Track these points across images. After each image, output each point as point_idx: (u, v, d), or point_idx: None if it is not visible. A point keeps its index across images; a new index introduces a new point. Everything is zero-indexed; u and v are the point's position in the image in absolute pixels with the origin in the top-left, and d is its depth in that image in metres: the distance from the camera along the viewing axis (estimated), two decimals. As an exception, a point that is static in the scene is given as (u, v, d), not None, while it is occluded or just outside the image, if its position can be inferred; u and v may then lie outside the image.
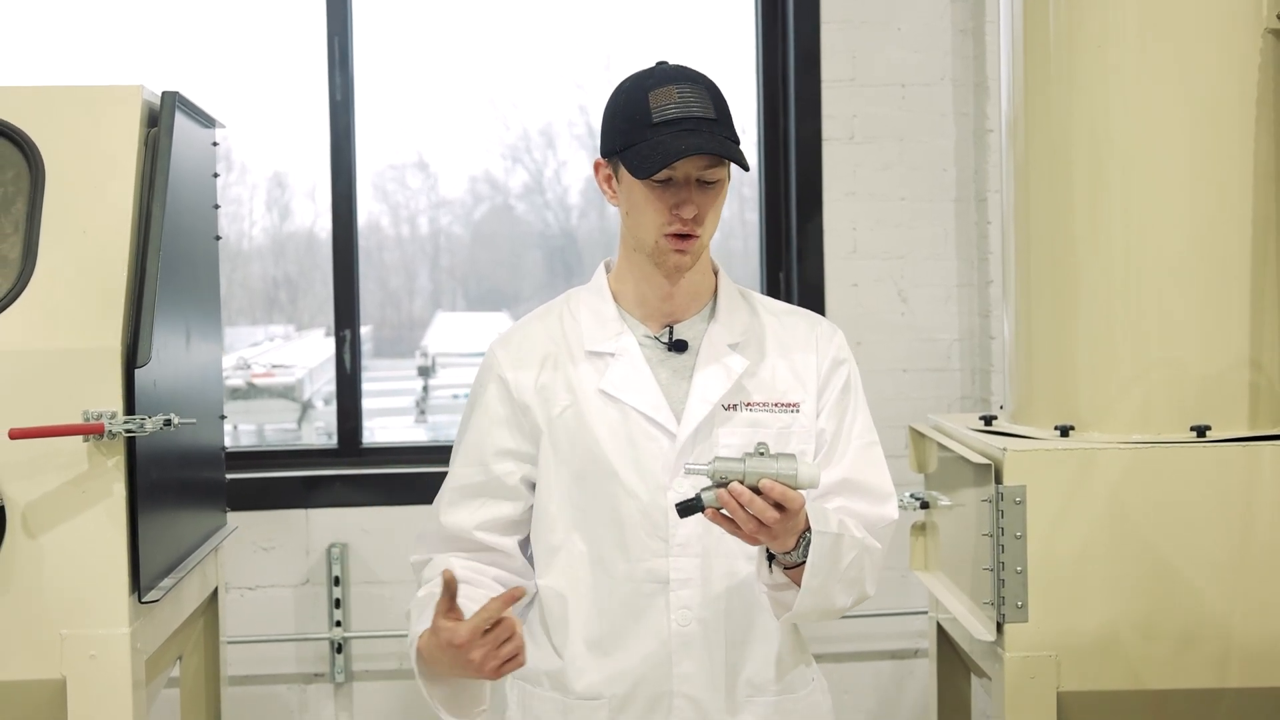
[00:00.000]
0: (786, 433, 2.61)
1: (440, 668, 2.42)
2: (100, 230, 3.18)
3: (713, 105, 2.51)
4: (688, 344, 2.63)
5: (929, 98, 5.10)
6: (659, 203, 2.50)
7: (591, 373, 2.61)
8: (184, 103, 3.42)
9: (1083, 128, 3.18)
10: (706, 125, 2.47)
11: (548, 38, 5.65)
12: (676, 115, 2.47)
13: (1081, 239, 3.20)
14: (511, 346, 2.68)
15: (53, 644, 3.06)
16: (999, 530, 3.03)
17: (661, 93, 2.50)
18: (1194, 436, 3.09)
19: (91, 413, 3.02)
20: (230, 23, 5.41)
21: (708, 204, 2.51)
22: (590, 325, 2.65)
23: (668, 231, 2.51)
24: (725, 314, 2.66)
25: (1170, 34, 3.12)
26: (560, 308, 2.72)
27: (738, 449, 2.45)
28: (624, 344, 2.62)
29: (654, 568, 2.57)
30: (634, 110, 2.51)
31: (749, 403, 2.61)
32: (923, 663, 5.08)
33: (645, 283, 2.63)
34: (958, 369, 5.13)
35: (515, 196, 6.34)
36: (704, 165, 2.48)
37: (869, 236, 5.11)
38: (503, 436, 2.63)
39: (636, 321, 2.65)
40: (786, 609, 2.49)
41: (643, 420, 2.57)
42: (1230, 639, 3.04)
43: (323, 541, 4.93)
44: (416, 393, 7.42)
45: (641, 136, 2.48)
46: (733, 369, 2.60)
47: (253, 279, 6.64)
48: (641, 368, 2.60)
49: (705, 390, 2.59)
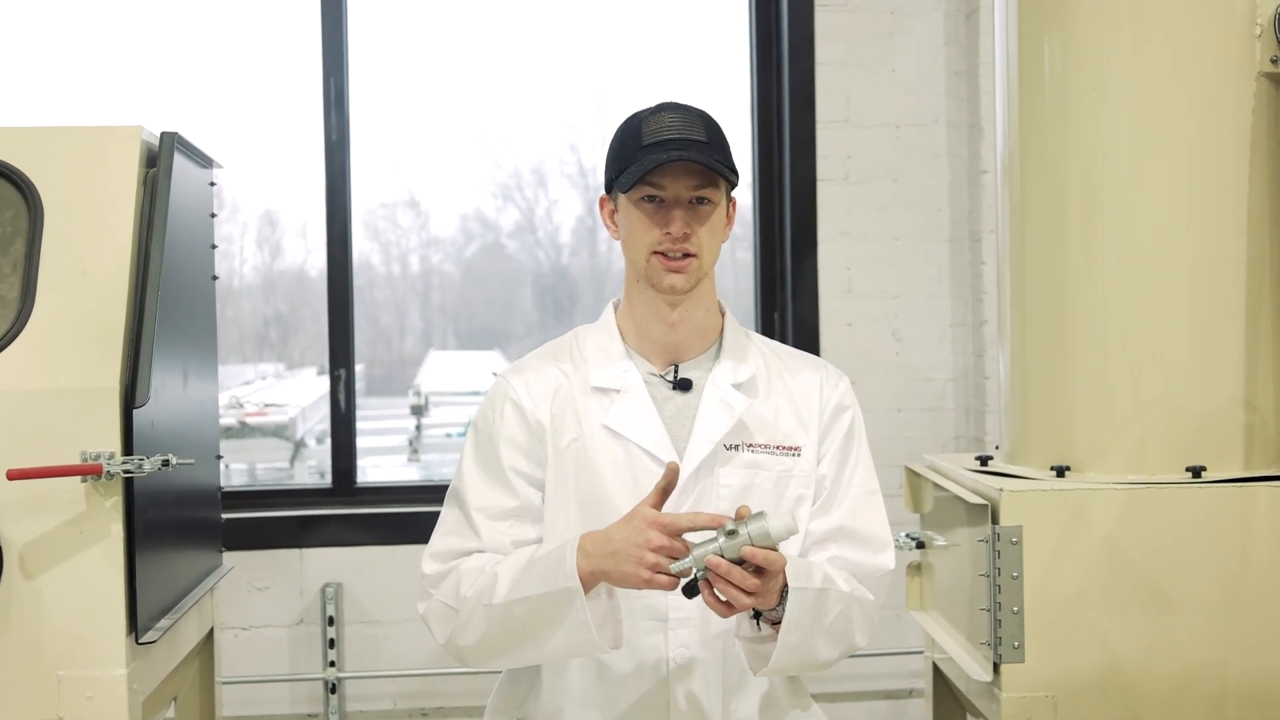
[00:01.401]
0: (786, 476, 2.64)
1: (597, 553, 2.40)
2: (99, 270, 3.18)
3: (704, 130, 2.58)
4: (692, 383, 2.65)
5: (923, 138, 5.12)
6: (649, 221, 2.56)
7: (596, 408, 2.63)
8: (183, 143, 3.43)
9: (1078, 169, 3.19)
10: (695, 146, 2.53)
11: (539, 77, 5.67)
12: (666, 137, 2.54)
13: (1077, 279, 3.20)
14: (526, 374, 2.69)
15: (50, 685, 3.04)
16: (995, 570, 3.03)
17: (654, 119, 2.59)
18: (1189, 477, 3.08)
19: (90, 453, 3.01)
20: (225, 63, 5.43)
21: (698, 223, 2.56)
22: (597, 361, 2.67)
23: (657, 249, 2.56)
24: (730, 354, 2.68)
25: (1164, 77, 3.13)
26: (568, 344, 2.74)
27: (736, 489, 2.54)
28: (629, 381, 2.64)
29: (653, 605, 2.58)
30: (628, 137, 2.60)
31: (750, 444, 2.63)
32: (918, 703, 5.07)
33: (649, 316, 2.65)
34: (952, 409, 5.14)
35: (506, 235, 6.35)
36: (693, 185, 2.54)
37: (863, 276, 5.13)
38: (521, 461, 2.64)
39: (642, 359, 2.67)
40: (764, 662, 2.50)
41: (645, 457, 2.59)
42: (1226, 680, 3.04)
43: (317, 581, 4.92)
44: (409, 431, 7.41)
45: (633, 159, 2.55)
46: (735, 408, 2.62)
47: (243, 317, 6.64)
48: (646, 404, 2.62)
49: (708, 429, 2.61)
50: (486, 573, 2.52)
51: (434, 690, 4.96)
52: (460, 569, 2.58)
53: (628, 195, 2.59)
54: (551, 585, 2.42)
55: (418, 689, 4.97)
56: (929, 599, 3.68)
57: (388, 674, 4.93)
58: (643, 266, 2.59)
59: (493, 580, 2.50)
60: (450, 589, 2.57)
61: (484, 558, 2.58)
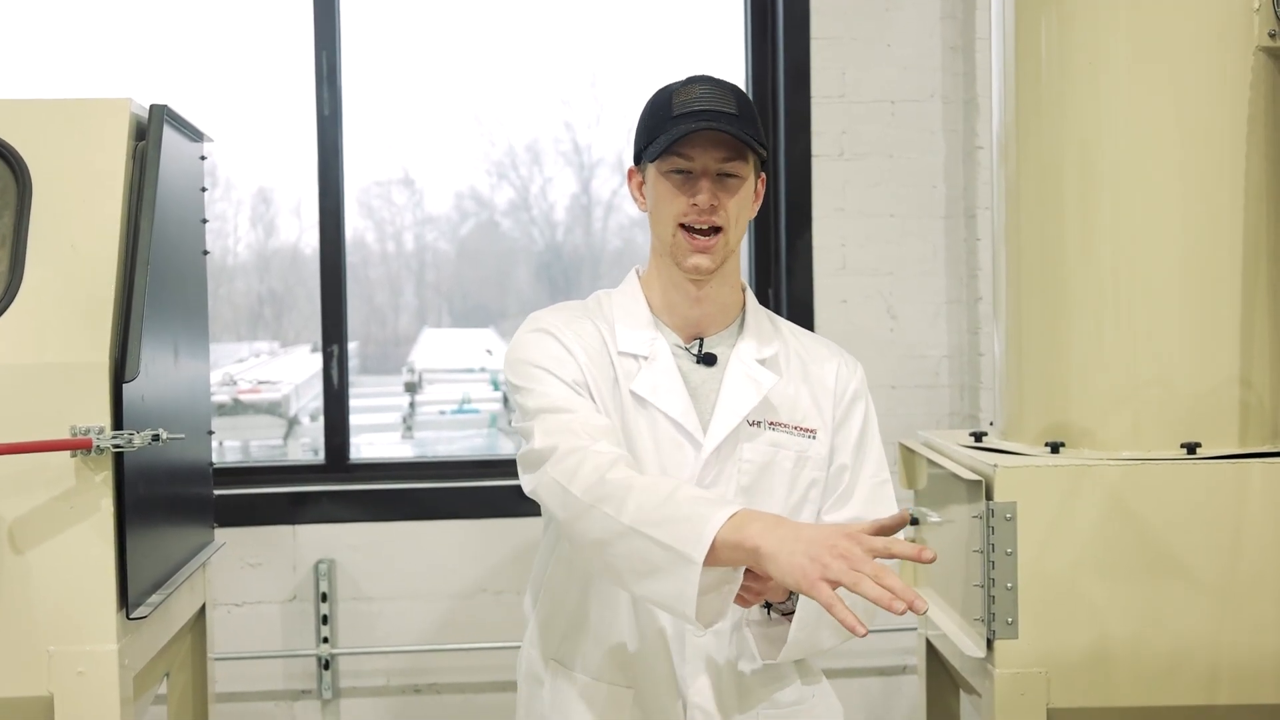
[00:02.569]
0: (804, 458, 2.64)
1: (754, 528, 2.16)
2: (88, 244, 3.16)
3: (735, 103, 2.56)
4: (716, 358, 2.63)
5: (919, 114, 5.11)
6: (676, 192, 2.54)
7: (621, 373, 2.60)
8: (172, 116, 3.40)
9: (1073, 145, 3.18)
10: (726, 118, 2.52)
11: (534, 55, 5.65)
12: (697, 108, 2.52)
13: (1072, 256, 3.19)
14: (560, 317, 2.64)
15: (40, 660, 3.03)
16: (989, 547, 3.03)
17: (685, 90, 2.58)
18: (1184, 454, 3.08)
19: (79, 428, 3.00)
20: (217, 37, 5.41)
21: (726, 197, 2.53)
22: (624, 325, 2.64)
23: (683, 220, 2.54)
24: (754, 331, 2.68)
25: (1161, 52, 3.12)
26: (592, 306, 2.71)
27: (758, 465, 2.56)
28: (657, 348, 2.62)
29: None
30: (658, 108, 2.58)
31: (773, 421, 2.63)
32: (911, 679, 5.07)
33: (674, 289, 2.64)
34: (947, 385, 5.13)
35: (501, 213, 6.34)
36: (721, 157, 2.52)
37: (858, 253, 5.11)
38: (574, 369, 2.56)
39: (667, 329, 2.65)
40: (774, 651, 2.53)
41: (670, 427, 2.57)
42: (1220, 656, 3.04)
43: (310, 558, 4.91)
44: (403, 409, 7.41)
45: (662, 129, 2.53)
46: (762, 384, 2.61)
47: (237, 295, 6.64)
48: (673, 373, 2.60)
49: (734, 403, 2.59)
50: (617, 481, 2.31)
51: (427, 666, 4.96)
52: (588, 450, 2.38)
53: (656, 165, 2.56)
54: (677, 543, 2.20)
55: (411, 665, 4.97)
56: (922, 575, 3.68)
57: (381, 650, 4.92)
58: (669, 241, 2.57)
59: (625, 494, 2.29)
60: (569, 469, 2.38)
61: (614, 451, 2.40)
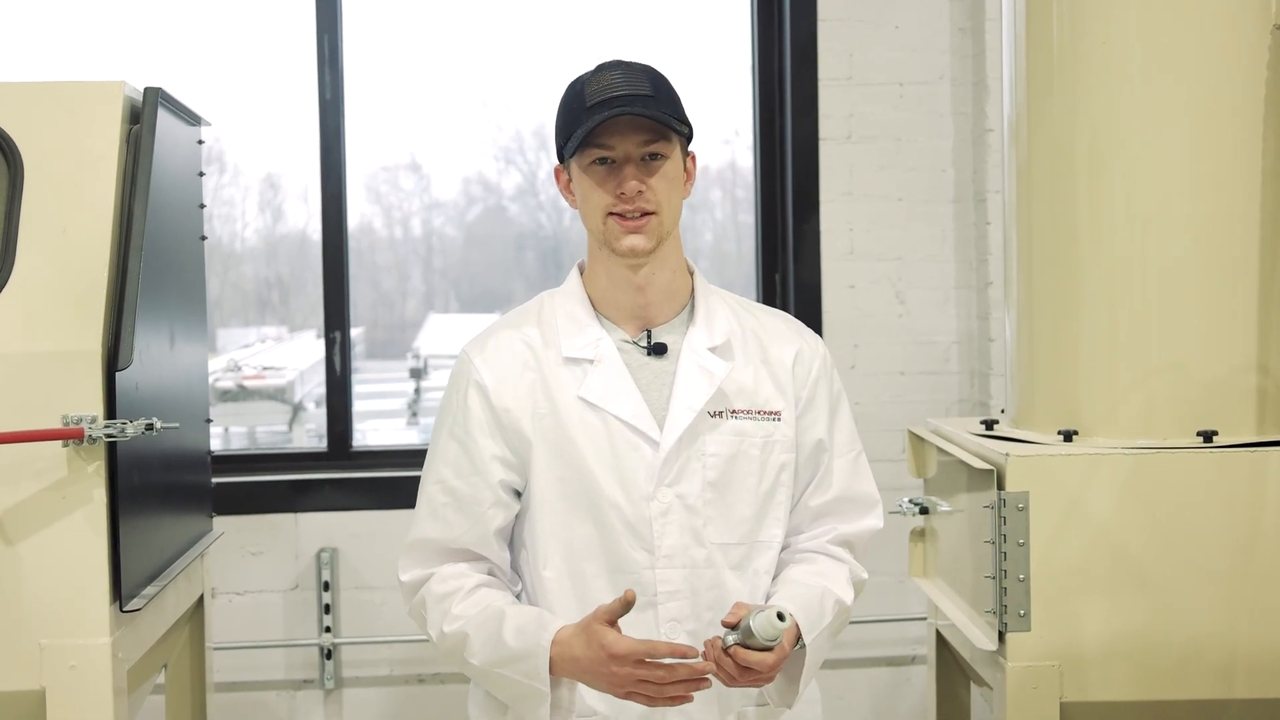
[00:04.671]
0: (770, 443, 2.60)
1: (569, 667, 2.42)
2: (80, 229, 3.12)
3: (649, 85, 2.52)
4: (667, 347, 2.58)
5: (927, 97, 5.05)
6: (601, 184, 2.50)
7: (570, 380, 2.56)
8: (167, 99, 3.35)
9: (1086, 127, 3.13)
10: (640, 100, 2.48)
11: (541, 38, 5.61)
12: (609, 95, 2.48)
13: (1085, 240, 3.15)
14: (488, 352, 2.62)
15: (31, 654, 3.00)
16: (1001, 537, 2.98)
17: (596, 80, 2.53)
18: (1200, 442, 3.04)
19: (71, 417, 2.96)
20: (218, 20, 5.37)
21: (652, 179, 2.49)
22: (567, 330, 2.60)
23: (612, 210, 2.50)
24: (704, 316, 2.63)
25: (1176, 32, 3.07)
26: (534, 311, 2.67)
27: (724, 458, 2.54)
28: (603, 349, 2.57)
29: (641, 580, 2.52)
30: (572, 102, 2.55)
31: (733, 410, 2.58)
32: (919, 670, 5.03)
33: (615, 282, 2.59)
34: (955, 372, 5.08)
35: (508, 198, 6.33)
36: (642, 140, 2.49)
37: (866, 238, 5.06)
38: (490, 444, 2.57)
39: (613, 325, 2.60)
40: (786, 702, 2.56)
41: (624, 429, 2.53)
42: (1236, 649, 3.00)
43: (312, 546, 4.87)
44: (409, 395, 7.38)
45: (578, 122, 2.49)
46: (715, 374, 2.57)
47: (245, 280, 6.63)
48: (622, 374, 2.56)
49: (688, 397, 2.55)
50: (456, 627, 2.51)
51: (430, 657, 4.92)
52: (427, 597, 2.57)
53: (577, 160, 2.52)
54: (524, 678, 2.44)
55: (414, 655, 4.93)
56: (932, 565, 3.64)
57: (383, 640, 4.88)
58: (600, 231, 2.53)
59: (464, 639, 2.50)
60: (419, 608, 2.59)
61: (451, 581, 2.56)
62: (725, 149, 5.63)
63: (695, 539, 2.52)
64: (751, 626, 2.34)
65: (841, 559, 2.65)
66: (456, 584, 2.55)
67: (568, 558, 2.54)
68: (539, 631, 2.44)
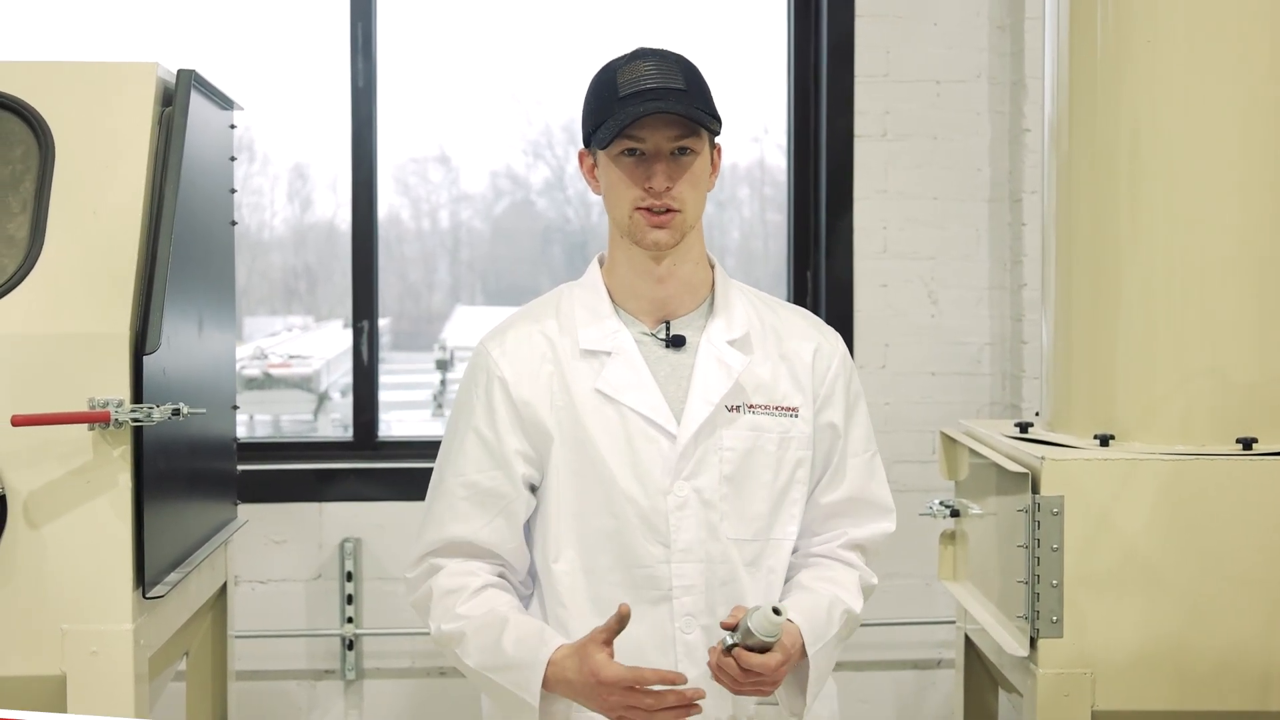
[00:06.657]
0: (787, 438, 2.57)
1: (562, 688, 2.41)
2: (111, 211, 3.10)
3: (682, 77, 2.49)
4: (686, 340, 2.56)
5: (964, 95, 5.01)
6: (629, 176, 2.48)
7: (587, 372, 2.54)
8: (200, 82, 3.33)
9: (1129, 127, 3.10)
10: (674, 94, 2.45)
11: (573, 33, 5.59)
12: (643, 87, 2.46)
13: (1125, 241, 3.12)
14: (507, 345, 2.59)
15: (53, 639, 2.98)
16: (1034, 542, 2.95)
17: (629, 68, 2.51)
18: (1239, 449, 3.00)
19: (97, 400, 2.94)
20: (253, 5, 5.35)
21: (680, 175, 2.47)
22: (585, 322, 2.58)
23: (639, 205, 2.48)
24: (724, 310, 2.60)
25: (1222, 29, 3.04)
26: (553, 303, 2.65)
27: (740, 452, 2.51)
28: (620, 342, 2.55)
29: (656, 574, 2.51)
30: (603, 89, 2.52)
31: (751, 404, 2.56)
32: (945, 673, 4.99)
33: (636, 273, 2.56)
34: (988, 373, 5.04)
35: (536, 192, 6.32)
36: (674, 135, 2.46)
37: (899, 236, 5.02)
38: (512, 438, 2.54)
39: (632, 318, 2.58)
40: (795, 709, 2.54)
41: (641, 422, 2.51)
42: (1273, 660, 2.96)
43: (336, 536, 4.85)
44: (434, 386, 7.37)
45: (609, 112, 2.46)
46: (733, 367, 2.55)
47: (272, 269, 6.63)
48: (639, 366, 2.54)
49: (706, 390, 2.53)
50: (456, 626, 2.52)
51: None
52: (434, 588, 2.57)
53: (606, 151, 2.49)
54: (514, 688, 2.45)
55: (435, 648, 4.89)
56: (962, 569, 3.60)
57: (405, 632, 4.85)
58: (625, 224, 2.50)
59: (462, 638, 2.51)
60: (424, 599, 2.60)
61: (459, 578, 2.56)
62: (754, 146, 5.60)
63: (711, 533, 2.50)
64: (749, 625, 2.32)
65: (853, 564, 2.63)
66: (464, 581, 2.55)
67: (581, 551, 2.52)
68: (538, 646, 2.43)
